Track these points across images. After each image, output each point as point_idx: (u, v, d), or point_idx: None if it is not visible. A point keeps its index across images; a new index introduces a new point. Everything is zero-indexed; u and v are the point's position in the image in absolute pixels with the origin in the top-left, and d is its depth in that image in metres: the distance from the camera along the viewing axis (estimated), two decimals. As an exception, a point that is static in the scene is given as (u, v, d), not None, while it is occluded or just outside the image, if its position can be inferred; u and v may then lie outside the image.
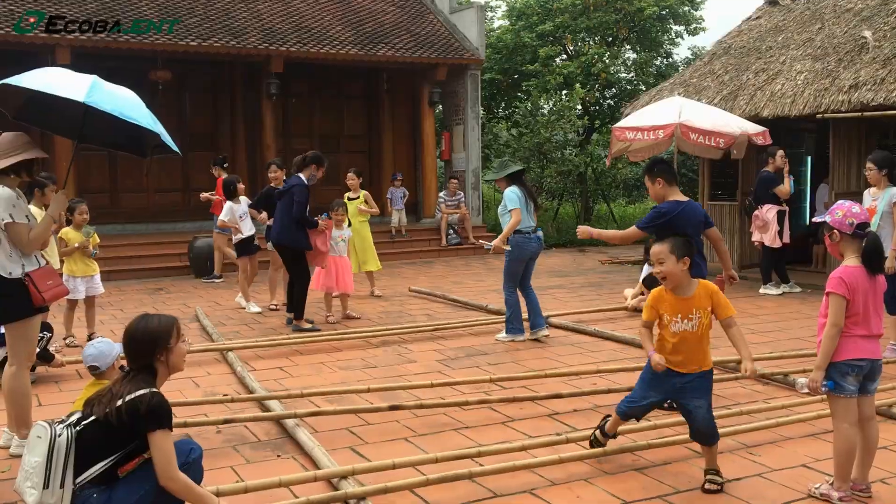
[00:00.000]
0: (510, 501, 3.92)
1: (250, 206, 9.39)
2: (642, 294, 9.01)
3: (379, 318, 8.85)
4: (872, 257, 3.81)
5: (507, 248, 7.28)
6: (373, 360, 6.92)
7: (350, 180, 10.43)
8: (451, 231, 15.68)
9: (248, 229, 9.50)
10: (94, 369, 4.24)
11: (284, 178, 8.99)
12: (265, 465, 4.44)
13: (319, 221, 8.13)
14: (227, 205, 9.59)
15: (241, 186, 9.75)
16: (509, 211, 7.15)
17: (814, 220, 4.09)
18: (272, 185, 9.09)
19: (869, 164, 6.96)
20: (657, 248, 4.05)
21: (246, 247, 9.52)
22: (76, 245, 7.55)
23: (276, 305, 9.33)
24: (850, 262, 3.84)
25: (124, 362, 3.46)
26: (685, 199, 5.32)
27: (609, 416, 4.42)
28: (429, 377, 6.26)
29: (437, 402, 5.34)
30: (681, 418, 4.31)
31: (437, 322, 8.35)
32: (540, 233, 7.46)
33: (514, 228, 7.18)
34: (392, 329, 7.94)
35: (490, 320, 8.34)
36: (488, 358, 6.94)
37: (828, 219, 3.88)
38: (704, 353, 4.05)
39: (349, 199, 10.10)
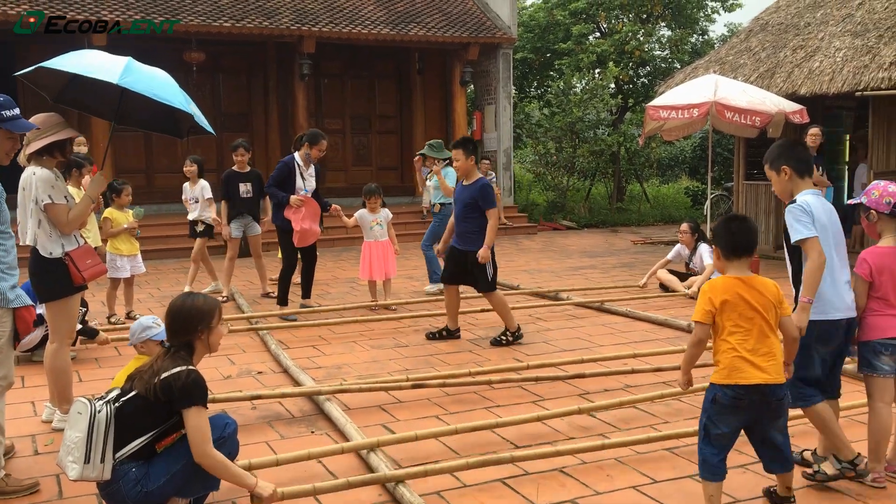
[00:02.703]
0: (541, 480, 3.95)
1: (225, 196, 8.91)
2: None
3: (410, 297, 8.90)
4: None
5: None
6: (404, 339, 6.98)
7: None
8: (483, 211, 15.62)
9: (193, 213, 9.15)
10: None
11: (249, 162, 8.91)
12: (299, 440, 4.52)
13: (292, 198, 7.71)
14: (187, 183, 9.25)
15: (188, 169, 9.14)
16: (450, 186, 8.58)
17: (849, 202, 4.02)
18: (235, 168, 8.89)
19: None
20: None
21: (189, 229, 9.32)
22: (125, 226, 7.66)
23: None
24: (887, 241, 3.79)
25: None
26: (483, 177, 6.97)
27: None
28: (460, 357, 6.30)
29: (462, 382, 5.36)
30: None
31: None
32: None
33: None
34: (424, 313, 7.99)
35: (522, 302, 8.33)
36: (519, 338, 6.96)
37: (864, 199, 3.84)
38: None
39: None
